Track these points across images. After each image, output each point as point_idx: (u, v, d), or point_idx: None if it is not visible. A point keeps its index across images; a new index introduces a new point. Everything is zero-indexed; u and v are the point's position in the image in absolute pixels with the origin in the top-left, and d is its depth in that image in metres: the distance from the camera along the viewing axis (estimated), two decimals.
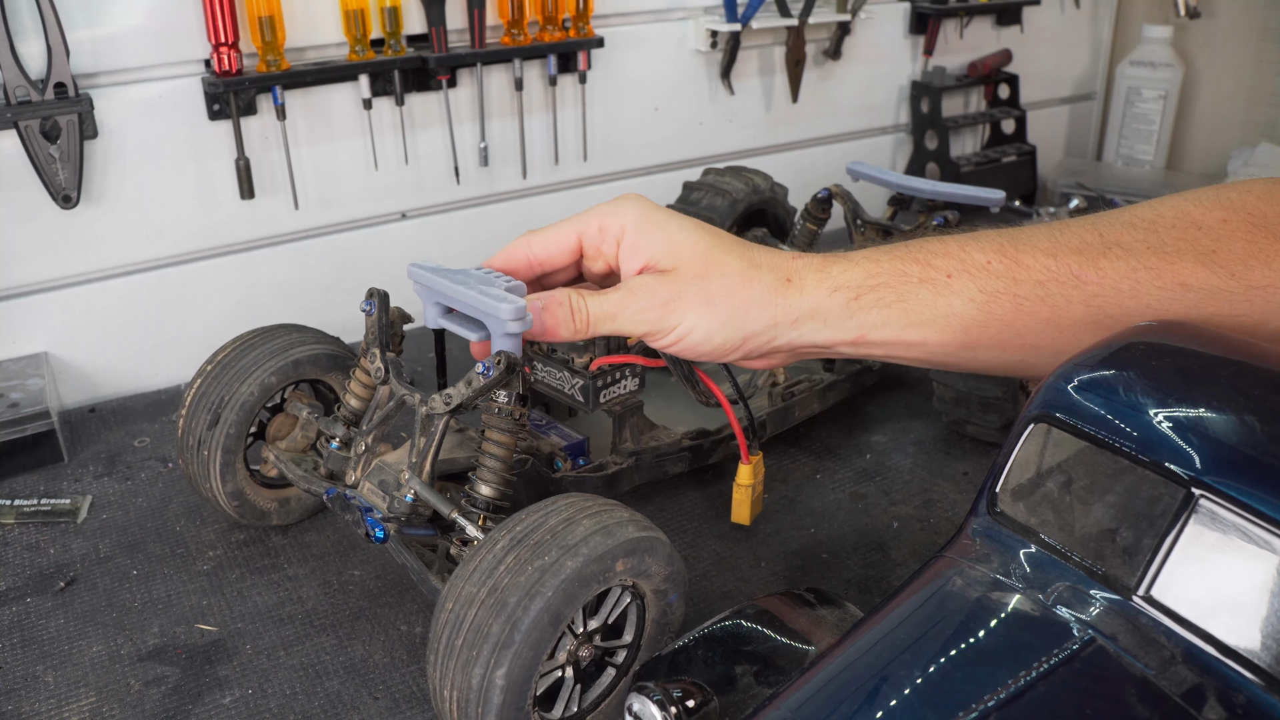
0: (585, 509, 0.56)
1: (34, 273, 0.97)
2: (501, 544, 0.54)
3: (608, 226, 0.58)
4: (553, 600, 0.51)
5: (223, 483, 0.73)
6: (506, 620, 0.51)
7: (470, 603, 0.52)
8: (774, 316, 0.55)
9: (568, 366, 0.71)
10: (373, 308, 0.68)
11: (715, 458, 0.82)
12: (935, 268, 0.53)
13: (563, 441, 0.75)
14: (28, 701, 0.63)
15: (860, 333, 0.54)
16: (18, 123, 0.88)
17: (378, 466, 0.66)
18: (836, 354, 0.57)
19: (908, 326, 0.53)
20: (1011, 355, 0.53)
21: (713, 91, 1.31)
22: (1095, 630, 0.39)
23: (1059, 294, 0.50)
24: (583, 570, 0.52)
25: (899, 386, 0.99)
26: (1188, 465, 0.39)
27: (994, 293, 0.51)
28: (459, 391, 0.61)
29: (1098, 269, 0.50)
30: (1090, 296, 0.50)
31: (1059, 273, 0.51)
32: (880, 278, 0.54)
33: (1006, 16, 1.51)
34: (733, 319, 0.55)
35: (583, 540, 0.53)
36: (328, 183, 1.08)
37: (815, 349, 0.57)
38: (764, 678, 0.51)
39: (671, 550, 0.57)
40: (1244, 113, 1.55)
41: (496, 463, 0.63)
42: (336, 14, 1.01)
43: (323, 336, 0.77)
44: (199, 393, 0.73)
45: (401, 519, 0.63)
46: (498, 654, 0.51)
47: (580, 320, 0.56)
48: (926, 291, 0.53)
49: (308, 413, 0.74)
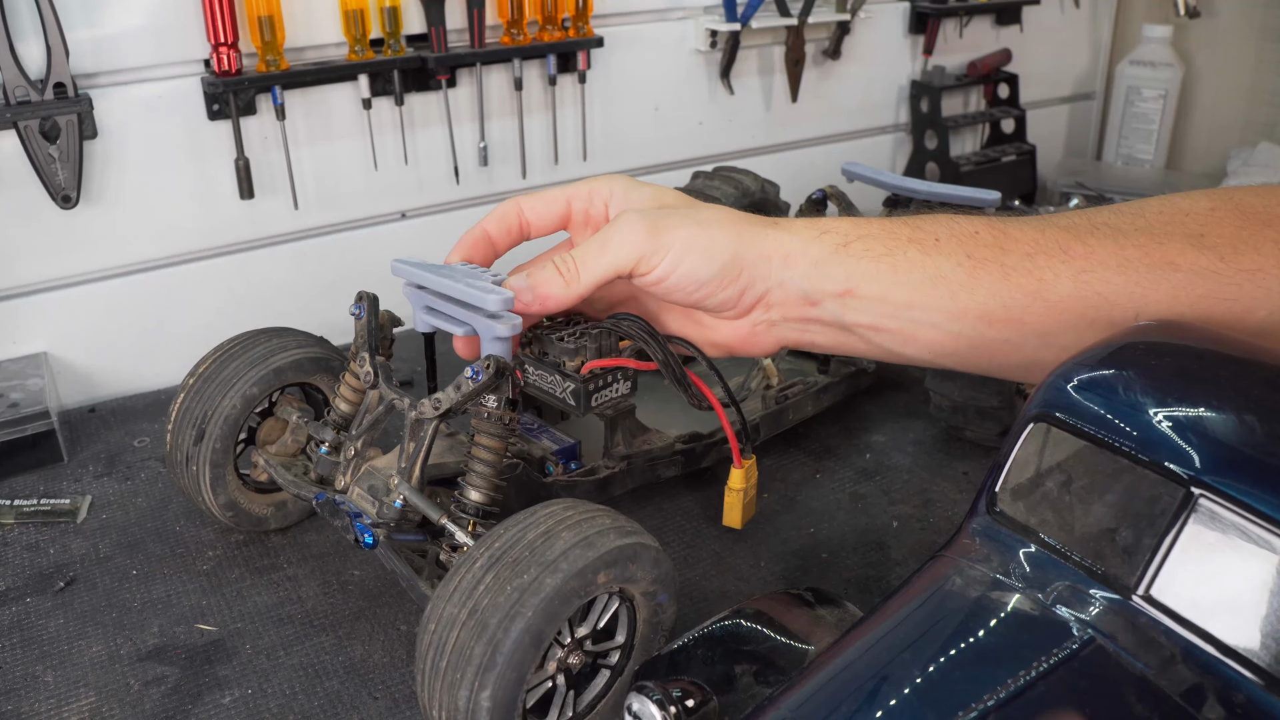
0: (565, 520, 0.54)
1: (34, 273, 0.97)
2: (480, 562, 0.53)
3: (597, 189, 0.58)
4: (534, 620, 0.50)
5: (214, 495, 0.73)
6: (488, 643, 0.50)
7: (452, 624, 0.51)
8: (766, 249, 0.53)
9: (559, 370, 0.71)
10: (362, 311, 0.67)
11: (708, 461, 0.82)
12: (924, 230, 0.53)
13: (554, 445, 0.75)
14: (27, 701, 0.63)
15: (849, 284, 0.53)
16: (17, 123, 0.88)
17: (367, 471, 0.66)
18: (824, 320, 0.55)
19: (896, 285, 0.52)
20: (998, 332, 0.52)
21: (712, 91, 1.31)
22: (1095, 630, 0.39)
23: (1046, 266, 0.50)
24: (563, 587, 0.51)
25: (898, 387, 0.99)
26: (1187, 465, 0.39)
27: (982, 260, 0.51)
28: (448, 396, 0.60)
29: (1085, 244, 0.50)
30: (1078, 271, 0.50)
31: (1046, 245, 0.50)
32: (869, 229, 0.54)
33: (1006, 16, 1.51)
34: (727, 242, 0.53)
35: (562, 555, 0.52)
36: (327, 183, 1.08)
37: (804, 300, 0.55)
38: (763, 678, 0.51)
39: (658, 553, 0.56)
40: (1244, 112, 1.55)
41: (486, 468, 0.62)
42: (336, 14, 1.01)
43: (306, 339, 0.76)
44: (182, 408, 0.72)
45: (391, 524, 0.63)
46: (481, 676, 0.50)
47: (569, 272, 0.55)
48: (915, 250, 0.52)
49: (298, 417, 0.74)
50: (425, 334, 0.68)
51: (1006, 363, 0.54)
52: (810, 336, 0.57)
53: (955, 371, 0.85)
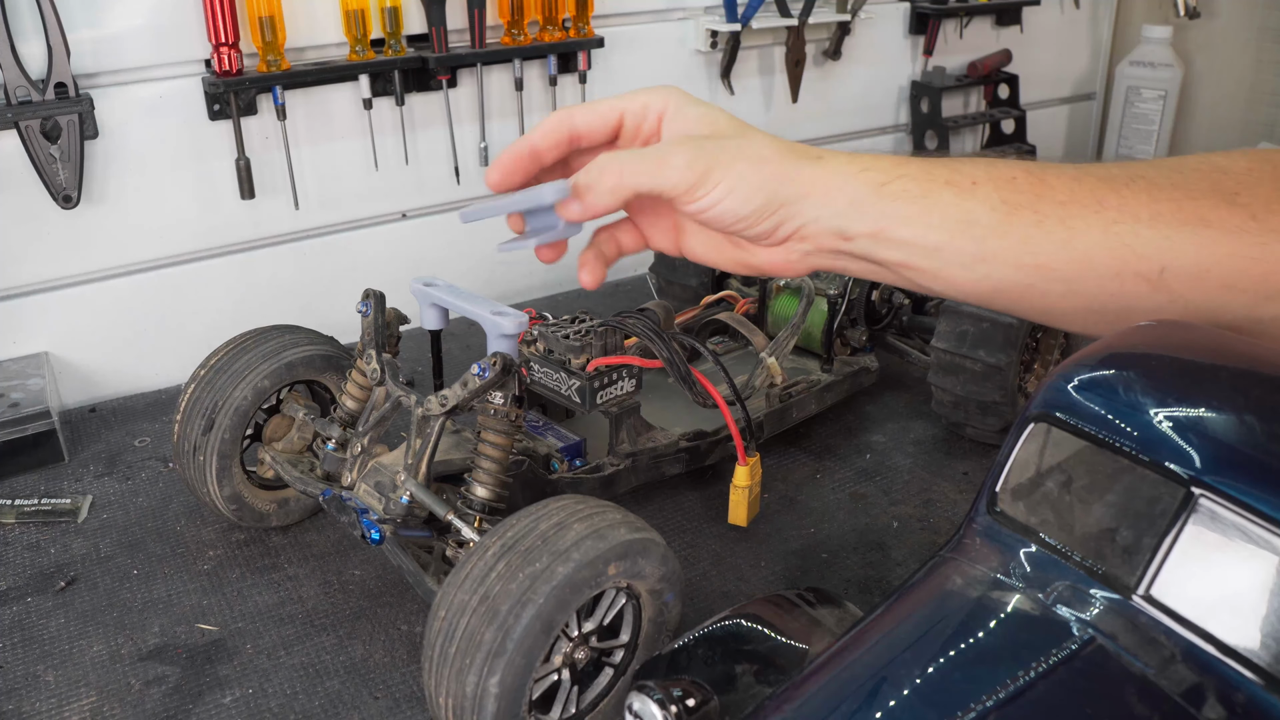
0: (577, 512, 0.55)
1: (34, 273, 0.97)
2: (493, 550, 0.53)
3: (652, 103, 0.58)
4: (544, 607, 0.51)
5: (219, 487, 0.73)
6: (499, 628, 0.50)
7: (463, 610, 0.52)
8: (804, 185, 0.54)
9: (564, 367, 0.71)
10: (368, 309, 0.68)
11: (713, 459, 0.82)
12: (962, 173, 0.54)
13: (559, 443, 0.75)
14: (28, 701, 0.63)
15: (882, 224, 0.54)
16: (18, 123, 0.88)
17: (374, 468, 0.66)
18: (857, 253, 0.56)
19: (928, 228, 0.53)
20: (1024, 276, 0.53)
21: (713, 91, 1.31)
22: (1095, 629, 0.39)
23: (1079, 216, 0.51)
24: (574, 576, 0.52)
25: (899, 387, 0.99)
26: (1187, 465, 0.39)
27: (1016, 205, 0.52)
28: (454, 393, 0.61)
29: (1120, 195, 0.51)
30: (1109, 223, 0.50)
31: (1081, 195, 0.51)
32: (907, 169, 0.54)
33: (1006, 16, 1.51)
34: (770, 180, 0.54)
35: (574, 545, 0.53)
36: (328, 183, 1.08)
37: (838, 235, 0.55)
38: (764, 677, 0.51)
39: (666, 550, 0.57)
40: (1244, 113, 1.55)
41: (492, 464, 0.62)
42: (337, 14, 1.01)
43: (316, 337, 0.76)
44: (193, 398, 0.73)
45: (397, 520, 0.63)
46: (491, 662, 0.50)
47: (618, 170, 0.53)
48: (951, 193, 0.53)
49: (304, 414, 0.74)
50: (431, 331, 0.68)
51: (1030, 307, 0.56)
52: (843, 264, 0.59)
53: (959, 366, 0.86)
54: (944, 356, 0.86)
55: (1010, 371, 0.84)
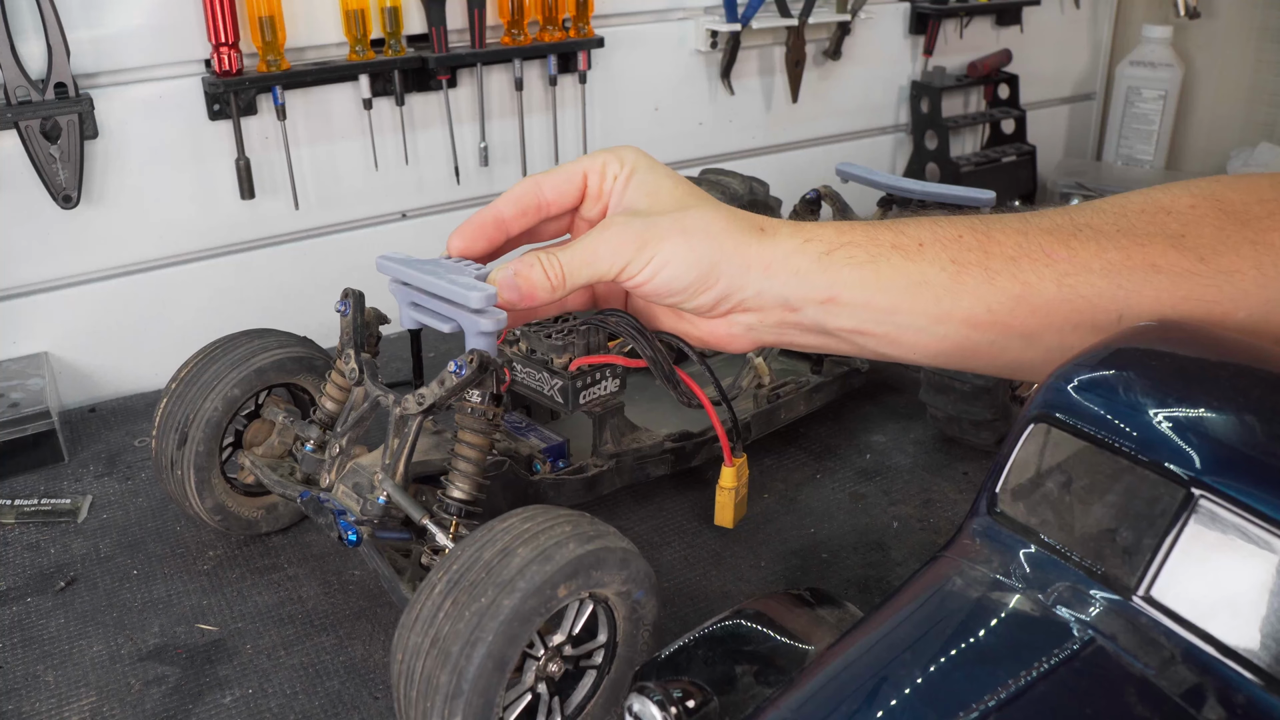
0: (523, 534, 0.53)
1: (34, 273, 0.97)
2: (439, 588, 0.52)
3: (609, 163, 0.58)
4: (494, 645, 0.50)
5: (201, 500, 0.73)
6: (452, 671, 0.50)
7: (417, 654, 0.51)
8: (748, 259, 0.54)
9: (547, 367, 0.70)
10: (347, 308, 0.67)
11: (698, 460, 0.81)
12: (907, 235, 0.53)
13: (542, 444, 0.74)
14: (28, 701, 0.63)
15: (832, 291, 0.53)
16: (18, 123, 0.88)
17: (352, 469, 0.65)
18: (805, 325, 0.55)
19: (879, 290, 0.53)
20: (982, 334, 0.52)
21: (713, 91, 1.31)
22: (1095, 630, 0.39)
23: (1030, 270, 0.50)
24: (521, 607, 0.51)
25: (898, 387, 0.99)
26: (1187, 465, 0.39)
27: (966, 264, 0.51)
28: (432, 391, 0.60)
29: (1069, 247, 0.50)
30: (1061, 275, 0.50)
31: (1030, 249, 0.51)
32: (852, 236, 0.54)
33: (1006, 16, 1.51)
34: (708, 252, 0.54)
35: (519, 573, 0.51)
36: (328, 183, 1.08)
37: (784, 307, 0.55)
38: (764, 678, 0.51)
39: (627, 552, 0.55)
40: (1244, 113, 1.55)
41: (469, 465, 0.61)
42: (336, 14, 1.01)
43: (288, 340, 0.75)
44: (166, 412, 0.72)
45: (374, 522, 0.62)
46: (450, 704, 0.50)
47: (555, 274, 0.54)
48: (899, 256, 0.53)
49: (284, 417, 0.73)
50: (411, 331, 0.67)
51: (992, 364, 0.55)
52: (789, 338, 0.58)
53: (948, 386, 0.86)
54: (933, 376, 0.86)
55: (998, 391, 0.84)
